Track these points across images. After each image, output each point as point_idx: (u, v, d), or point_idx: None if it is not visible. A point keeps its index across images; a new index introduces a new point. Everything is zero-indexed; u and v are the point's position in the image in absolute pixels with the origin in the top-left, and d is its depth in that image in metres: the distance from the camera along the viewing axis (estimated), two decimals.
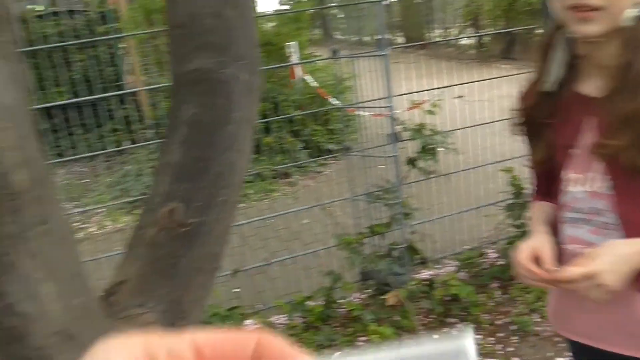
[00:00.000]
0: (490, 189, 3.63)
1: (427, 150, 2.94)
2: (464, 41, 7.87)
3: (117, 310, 1.12)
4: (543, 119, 1.22)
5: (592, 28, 1.03)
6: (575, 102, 1.19)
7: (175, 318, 1.19)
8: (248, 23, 1.23)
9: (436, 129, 3.02)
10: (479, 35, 8.32)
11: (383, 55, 2.61)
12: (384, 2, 4.00)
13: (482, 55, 7.52)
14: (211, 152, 1.18)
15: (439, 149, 2.96)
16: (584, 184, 1.19)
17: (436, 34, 7.09)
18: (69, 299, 0.78)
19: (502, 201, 3.52)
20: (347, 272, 3.17)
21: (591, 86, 1.18)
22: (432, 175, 3.09)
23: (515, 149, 3.52)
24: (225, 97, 1.19)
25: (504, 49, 7.67)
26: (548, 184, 1.36)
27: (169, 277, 1.16)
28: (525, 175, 3.39)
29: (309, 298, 3.15)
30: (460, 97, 3.30)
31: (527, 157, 1.39)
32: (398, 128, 2.90)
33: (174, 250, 1.17)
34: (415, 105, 3.03)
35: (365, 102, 2.88)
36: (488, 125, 3.54)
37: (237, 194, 1.25)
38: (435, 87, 3.23)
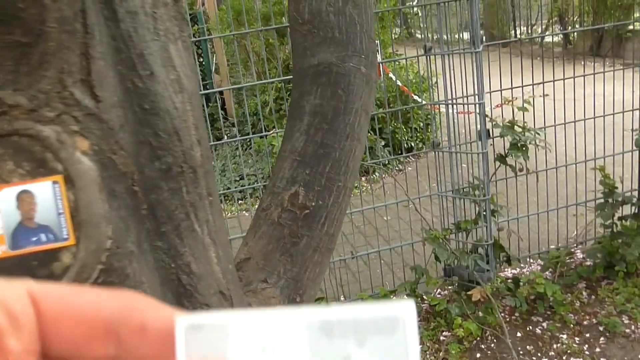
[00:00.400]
0: (579, 189, 3.57)
1: (518, 147, 2.93)
2: (549, 38, 7.67)
3: (242, 284, 1.22)
4: None
5: None
6: None
7: (294, 294, 1.28)
8: (367, 20, 1.31)
9: (526, 126, 3.00)
10: (566, 33, 8.09)
11: (477, 52, 2.63)
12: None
13: (569, 52, 7.32)
14: (331, 140, 1.27)
15: (529, 146, 2.94)
16: None
17: (521, 31, 6.94)
18: (226, 264, 0.88)
19: (591, 200, 3.45)
20: (430, 268, 3.21)
21: None
22: (521, 173, 3.07)
23: (604, 148, 3.46)
24: (345, 89, 1.27)
25: (592, 46, 7.42)
26: None
27: (290, 255, 1.26)
28: (617, 175, 3.34)
29: (393, 292, 3.21)
30: (546, 95, 3.25)
31: None
32: (488, 124, 2.90)
33: (296, 231, 1.26)
34: (506, 102, 3.02)
35: (455, 98, 2.90)
36: (577, 124, 3.48)
37: (353, 180, 1.33)
38: (524, 84, 3.21)
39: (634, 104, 3.56)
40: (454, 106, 3.01)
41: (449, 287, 3.33)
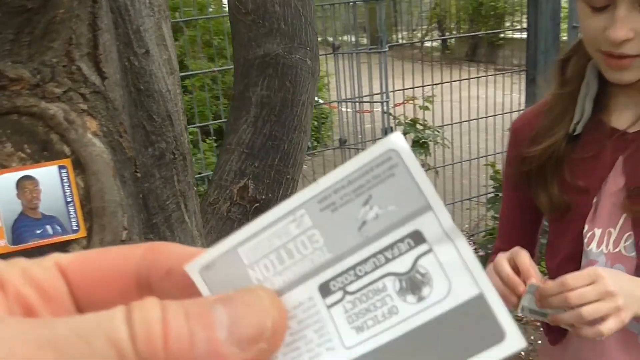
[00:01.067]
0: (468, 184, 3.79)
1: (420, 144, 3.06)
2: (428, 43, 8.09)
3: None
4: (561, 159, 0.98)
5: (629, 76, 0.87)
6: (604, 137, 0.95)
7: None
8: (310, 12, 1.30)
9: (427, 124, 3.14)
10: (444, 38, 8.55)
11: (384, 51, 2.71)
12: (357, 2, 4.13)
13: (447, 57, 7.74)
14: (280, 132, 1.25)
15: (430, 143, 3.07)
16: (604, 242, 0.95)
17: (402, 36, 7.26)
18: None
19: (482, 195, 3.67)
20: None
21: (626, 117, 0.96)
22: (423, 169, 3.20)
23: (491, 146, 3.71)
24: (292, 81, 1.26)
25: (468, 52, 7.92)
26: (532, 242, 1.14)
27: None
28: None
29: None
30: (432, 97, 3.42)
31: (512, 210, 1.13)
32: (392, 122, 3.00)
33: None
34: (408, 100, 3.14)
35: (361, 97, 2.97)
36: (462, 125, 3.67)
37: (299, 173, 1.32)
38: (414, 86, 3.36)
39: (512, 107, 3.84)
40: (359, 105, 3.08)
41: None
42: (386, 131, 2.99)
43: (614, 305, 0.80)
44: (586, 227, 0.96)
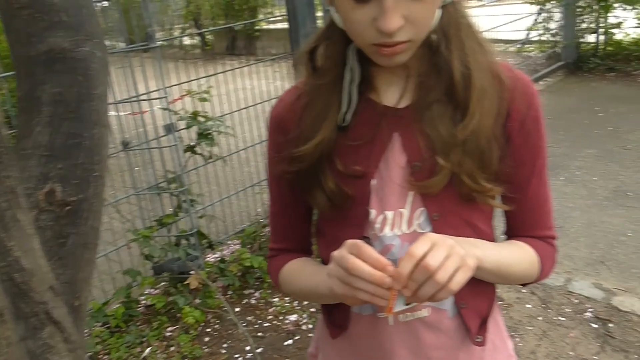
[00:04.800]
0: (255, 170, 3.94)
1: (205, 136, 3.09)
2: (187, 41, 8.08)
3: None
4: (333, 151, 0.94)
5: (401, 58, 0.85)
6: (377, 116, 0.93)
7: (71, 299, 1.18)
8: (90, 2, 1.26)
9: (208, 115, 3.18)
10: (199, 33, 8.60)
11: (156, 47, 2.67)
12: (103, 4, 3.99)
13: (207, 53, 7.83)
14: (80, 129, 1.19)
15: (214, 134, 3.12)
16: (396, 224, 0.93)
17: (159, 36, 7.15)
18: (45, 258, 0.81)
19: (265, 180, 3.84)
20: (142, 268, 3.16)
21: (394, 93, 0.94)
22: (210, 160, 3.25)
23: (264, 132, 3.89)
24: (85, 75, 1.21)
25: (227, 46, 8.09)
26: (307, 236, 1.12)
27: (60, 258, 1.15)
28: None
29: (106, 304, 3.06)
30: (208, 90, 3.48)
31: (281, 206, 1.08)
32: (174, 118, 2.99)
33: (60, 231, 1.16)
34: (187, 94, 3.14)
35: (138, 95, 2.90)
36: (238, 115, 3.79)
37: (106, 169, 1.27)
38: (189, 80, 3.38)
39: (277, 93, 4.07)
40: (138, 106, 3.00)
41: (162, 285, 3.33)
42: (169, 128, 2.96)
43: (459, 257, 0.77)
44: (374, 212, 0.93)
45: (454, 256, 0.76)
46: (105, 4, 3.82)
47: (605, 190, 4.18)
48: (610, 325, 2.74)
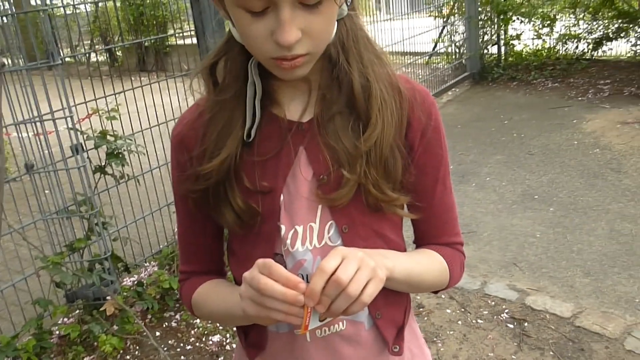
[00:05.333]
0: (170, 189, 3.83)
1: (115, 155, 2.98)
2: (94, 58, 7.80)
3: None
4: (239, 167, 0.93)
5: (301, 71, 0.84)
6: (282, 131, 0.93)
7: None
8: None
9: (117, 134, 3.07)
10: (106, 49, 8.34)
11: (57, 65, 2.56)
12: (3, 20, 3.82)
13: (117, 70, 7.59)
14: None
15: (125, 153, 3.02)
16: (307, 238, 0.93)
17: (65, 53, 6.87)
18: None
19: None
20: (53, 299, 3.00)
21: (296, 107, 0.94)
22: (122, 180, 3.13)
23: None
24: None
25: (138, 62, 7.88)
26: (219, 256, 1.10)
27: None
28: None
29: (15, 337, 2.87)
30: (116, 107, 3.36)
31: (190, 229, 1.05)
32: (81, 138, 2.86)
33: None
34: (93, 112, 3.02)
35: (41, 115, 2.75)
36: (150, 132, 3.65)
37: (2, 196, 1.19)
38: (95, 98, 3.24)
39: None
40: (41, 127, 2.84)
41: (76, 313, 3.17)
42: (76, 148, 2.83)
43: (369, 269, 0.76)
44: (284, 227, 0.92)
45: (365, 268, 0.76)
46: (5, 20, 3.63)
47: (513, 194, 4.38)
48: (526, 324, 2.86)
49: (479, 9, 7.74)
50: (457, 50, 7.99)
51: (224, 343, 2.97)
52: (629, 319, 2.80)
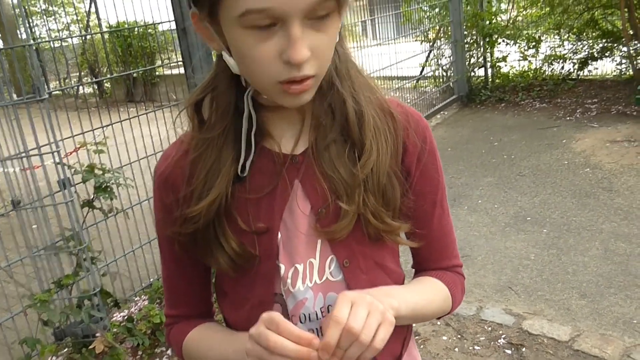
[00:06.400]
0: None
1: (103, 189, 2.94)
2: (82, 90, 7.80)
3: None
4: (230, 207, 0.88)
5: (307, 96, 0.81)
6: (277, 166, 0.89)
7: None
8: None
9: (105, 167, 3.04)
10: (95, 82, 8.34)
11: (43, 99, 2.53)
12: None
13: (105, 102, 7.58)
14: None
15: (113, 186, 2.98)
16: (308, 276, 0.90)
17: (54, 85, 6.87)
18: None
19: None
20: (40, 337, 2.93)
21: (289, 140, 0.91)
22: (110, 214, 3.09)
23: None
24: None
25: (126, 93, 7.88)
26: (207, 298, 1.05)
27: None
28: None
29: None
30: (103, 140, 3.33)
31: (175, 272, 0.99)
32: (68, 172, 2.82)
33: None
34: (78, 147, 2.99)
35: (27, 151, 2.72)
36: (139, 163, 3.61)
37: None
38: (83, 131, 3.21)
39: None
40: (27, 162, 2.81)
41: (65, 351, 3.10)
42: (64, 183, 2.79)
43: (379, 313, 0.74)
44: (283, 267, 0.89)
45: (374, 312, 0.73)
46: None
47: (506, 216, 4.36)
48: (524, 349, 2.82)
49: (465, 33, 7.82)
50: (445, 74, 8.05)
51: None
52: (627, 341, 2.76)
